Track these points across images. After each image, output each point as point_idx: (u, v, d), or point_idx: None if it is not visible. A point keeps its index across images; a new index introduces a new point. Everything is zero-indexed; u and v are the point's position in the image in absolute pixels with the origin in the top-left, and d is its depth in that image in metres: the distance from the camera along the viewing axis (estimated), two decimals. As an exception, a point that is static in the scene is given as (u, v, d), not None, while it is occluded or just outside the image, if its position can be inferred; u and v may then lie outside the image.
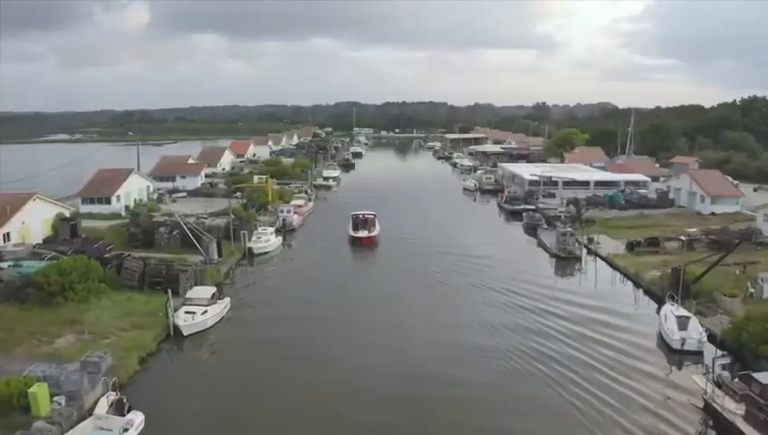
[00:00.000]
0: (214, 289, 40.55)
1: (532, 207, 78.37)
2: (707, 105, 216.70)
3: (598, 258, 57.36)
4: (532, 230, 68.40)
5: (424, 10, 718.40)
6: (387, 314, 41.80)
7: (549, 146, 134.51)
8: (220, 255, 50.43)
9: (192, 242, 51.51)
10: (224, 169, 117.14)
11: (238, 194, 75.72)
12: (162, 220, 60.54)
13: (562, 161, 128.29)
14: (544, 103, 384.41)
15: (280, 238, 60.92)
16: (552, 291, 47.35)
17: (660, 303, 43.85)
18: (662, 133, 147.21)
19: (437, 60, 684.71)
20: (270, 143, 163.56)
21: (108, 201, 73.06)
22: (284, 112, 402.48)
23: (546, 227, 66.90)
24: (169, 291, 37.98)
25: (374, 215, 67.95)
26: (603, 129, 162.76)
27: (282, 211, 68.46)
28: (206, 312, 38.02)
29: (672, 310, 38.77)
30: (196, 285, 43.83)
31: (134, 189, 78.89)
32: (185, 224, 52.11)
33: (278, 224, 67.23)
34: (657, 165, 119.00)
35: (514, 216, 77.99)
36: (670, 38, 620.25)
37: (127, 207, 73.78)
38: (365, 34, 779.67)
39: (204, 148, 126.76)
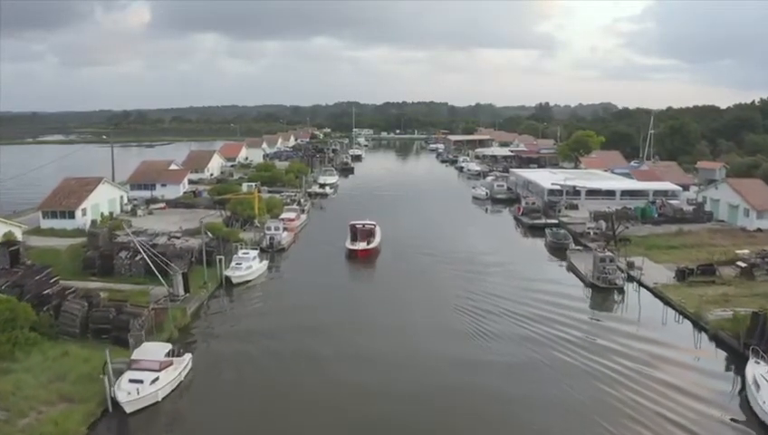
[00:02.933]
0: (168, 347, 31.30)
1: (555, 221, 69.22)
2: (704, 105, 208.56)
3: (641, 288, 48.32)
4: (558, 251, 59.27)
5: (424, 10, 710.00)
6: (397, 369, 32.73)
7: (562, 149, 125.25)
8: (187, 289, 41.19)
9: (160, 269, 42.50)
10: (212, 175, 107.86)
11: (209, 214, 65.03)
12: (127, 241, 51.32)
13: (576, 166, 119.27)
14: (547, 103, 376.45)
15: (264, 263, 51.51)
16: (592, 335, 38.59)
17: (733, 354, 35.51)
18: (681, 135, 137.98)
19: (438, 60, 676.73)
20: (264, 145, 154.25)
21: (71, 215, 64.10)
22: (283, 113, 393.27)
23: (577, 247, 57.72)
24: (107, 353, 28.95)
25: (374, 225, 61.29)
26: (616, 130, 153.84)
27: (269, 228, 59.17)
28: (156, 379, 28.88)
29: (762, 373, 29.90)
30: (152, 333, 34.89)
31: (104, 201, 69.83)
32: (145, 250, 42.88)
33: (264, 243, 58.12)
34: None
35: (534, 231, 68.82)
36: (671, 38, 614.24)
37: (93, 223, 64.77)
38: (365, 34, 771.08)
39: (191, 151, 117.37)
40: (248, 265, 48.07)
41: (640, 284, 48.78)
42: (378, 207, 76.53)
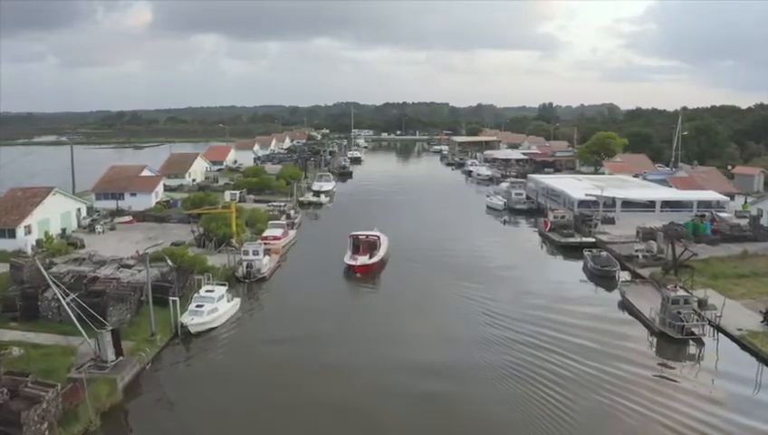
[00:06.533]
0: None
1: (592, 239, 58.19)
2: (723, 105, 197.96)
3: (720, 335, 37.37)
4: (602, 280, 48.32)
5: (425, 10, 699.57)
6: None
7: (582, 152, 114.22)
8: (120, 352, 30.00)
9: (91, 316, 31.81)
10: (194, 181, 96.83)
11: (157, 241, 53.17)
12: (63, 273, 40.41)
13: (597, 171, 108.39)
14: (551, 104, 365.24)
15: (235, 303, 40.15)
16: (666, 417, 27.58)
17: None
18: (708, 137, 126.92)
19: (438, 60, 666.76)
20: (256, 147, 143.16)
21: (12, 234, 53.14)
22: (282, 113, 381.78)
23: (631, 279, 46.61)
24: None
25: (378, 236, 54.85)
26: (635, 132, 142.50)
27: (246, 252, 47.98)
28: None
29: None
30: (54, 427, 23.94)
31: (55, 215, 58.82)
32: (63, 295, 31.93)
33: (240, 271, 47.12)
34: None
35: (566, 251, 57.81)
36: (672, 39, 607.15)
37: (38, 242, 53.92)
38: (365, 35, 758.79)
39: (171, 154, 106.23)
40: (212, 308, 36.70)
41: (719, 329, 37.80)
42: (380, 218, 65.25)
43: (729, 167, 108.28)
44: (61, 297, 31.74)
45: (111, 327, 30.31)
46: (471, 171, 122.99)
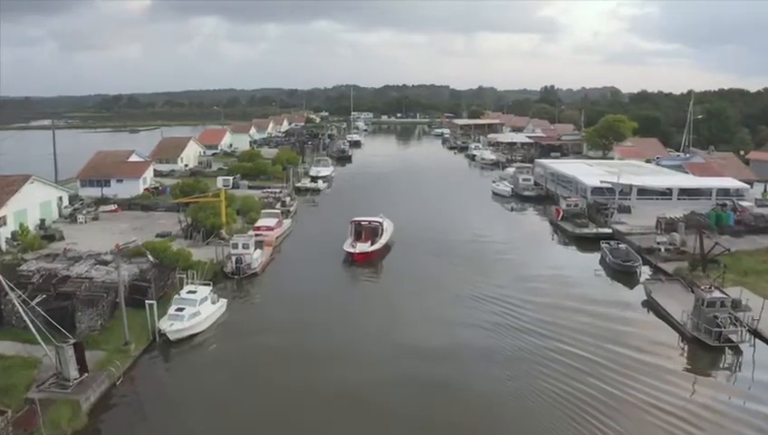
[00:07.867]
0: None
1: (608, 230, 54.40)
2: (731, 88, 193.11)
3: (755, 340, 33.71)
4: (622, 275, 44.59)
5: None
6: None
7: (590, 136, 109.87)
8: (84, 368, 26.21)
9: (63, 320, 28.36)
10: (186, 166, 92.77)
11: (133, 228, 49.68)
12: (31, 271, 36.67)
13: (605, 155, 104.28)
14: (553, 87, 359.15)
15: (221, 304, 36.29)
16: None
17: None
18: (719, 121, 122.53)
19: (439, 43, 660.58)
20: (252, 131, 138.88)
21: (-16, 226, 49.37)
22: (280, 96, 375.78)
23: (657, 276, 42.88)
24: None
25: (380, 222, 52.02)
26: (644, 114, 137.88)
27: (235, 245, 44.11)
28: None
29: None
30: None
31: (34, 205, 54.82)
32: (23, 301, 28.20)
33: (229, 266, 43.35)
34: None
35: (580, 243, 54.04)
36: (673, 23, 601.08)
37: (13, 235, 50.09)
38: (365, 18, 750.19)
39: (162, 138, 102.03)
40: (193, 312, 32.85)
41: (756, 335, 34.07)
42: (381, 205, 61.01)
43: (741, 152, 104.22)
44: (18, 304, 27.90)
45: (74, 340, 26.45)
46: (474, 155, 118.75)
